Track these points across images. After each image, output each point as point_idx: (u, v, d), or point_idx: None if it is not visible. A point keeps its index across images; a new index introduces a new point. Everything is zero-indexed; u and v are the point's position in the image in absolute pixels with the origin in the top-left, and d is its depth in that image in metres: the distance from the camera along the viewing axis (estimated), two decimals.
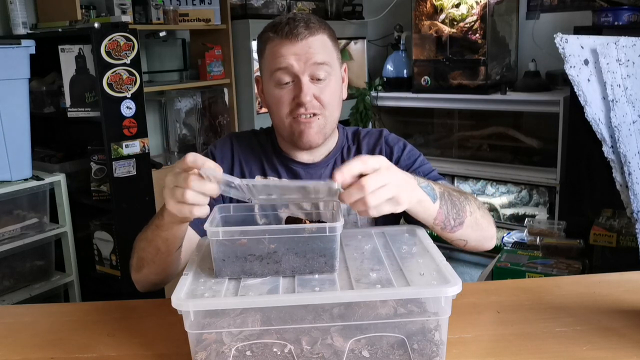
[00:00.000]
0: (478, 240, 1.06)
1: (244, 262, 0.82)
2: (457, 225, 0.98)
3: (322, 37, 1.12)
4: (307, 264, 0.82)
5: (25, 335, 0.94)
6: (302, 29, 1.09)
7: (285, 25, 1.10)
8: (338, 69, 1.17)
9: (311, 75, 1.10)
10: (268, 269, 0.82)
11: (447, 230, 0.98)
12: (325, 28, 1.14)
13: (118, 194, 2.31)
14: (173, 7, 2.78)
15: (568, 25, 2.74)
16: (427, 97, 3.21)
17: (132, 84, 2.29)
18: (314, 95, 1.11)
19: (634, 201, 1.92)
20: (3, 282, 2.26)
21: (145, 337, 0.91)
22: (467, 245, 1.05)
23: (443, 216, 0.95)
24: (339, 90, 1.17)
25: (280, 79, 1.11)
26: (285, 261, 0.82)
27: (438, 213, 0.94)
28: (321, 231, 0.81)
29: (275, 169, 1.22)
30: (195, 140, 3.04)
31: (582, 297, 0.99)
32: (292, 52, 1.09)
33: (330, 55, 1.13)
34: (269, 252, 0.81)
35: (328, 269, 0.82)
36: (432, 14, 3.19)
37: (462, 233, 1.00)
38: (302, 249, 0.81)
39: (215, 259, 0.82)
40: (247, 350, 0.75)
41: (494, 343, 0.86)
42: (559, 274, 2.30)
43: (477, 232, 1.03)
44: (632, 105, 1.93)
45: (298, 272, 0.82)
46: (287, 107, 1.12)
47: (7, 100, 2.13)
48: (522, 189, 3.26)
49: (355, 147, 1.25)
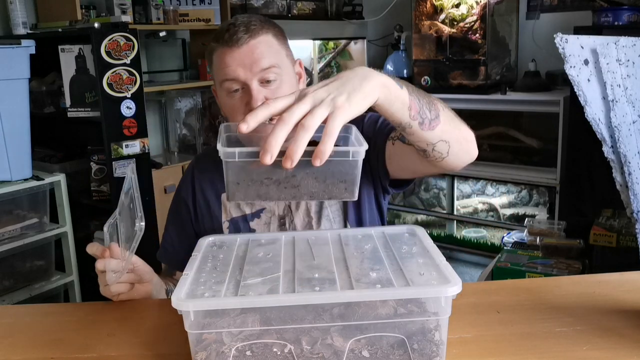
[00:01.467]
0: (460, 143, 0.95)
1: (259, 185, 0.77)
2: (434, 119, 0.87)
3: (265, 37, 1.09)
4: (326, 190, 0.78)
5: (25, 335, 0.94)
6: (242, 33, 1.07)
7: (225, 32, 1.08)
8: (289, 68, 1.13)
9: (260, 79, 1.08)
10: (285, 193, 0.78)
11: (425, 125, 0.87)
12: (268, 27, 1.11)
13: (118, 194, 2.30)
14: (173, 7, 2.78)
15: (568, 25, 2.74)
16: None
17: (132, 84, 2.29)
18: (266, 98, 1.06)
19: (634, 201, 1.92)
20: (3, 282, 2.26)
21: (145, 337, 0.91)
22: (451, 150, 0.93)
23: (417, 105, 0.84)
24: (294, 88, 1.12)
25: (229, 87, 1.09)
26: (304, 186, 0.77)
27: (411, 101, 0.83)
28: (344, 155, 0.75)
29: None
30: (195, 140, 3.04)
31: (582, 297, 0.99)
32: (236, 60, 1.06)
33: (276, 55, 1.10)
34: (287, 175, 0.76)
35: (348, 195, 0.78)
36: (432, 14, 3.19)
37: (442, 130, 0.89)
38: (322, 174, 0.76)
39: (229, 182, 0.77)
40: (247, 350, 0.75)
41: (494, 343, 0.86)
42: (559, 274, 2.30)
43: (456, 130, 0.93)
44: (632, 105, 1.93)
45: (317, 197, 0.79)
46: (241, 114, 1.08)
47: (7, 100, 2.13)
48: (522, 189, 3.26)
49: None
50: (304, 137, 0.70)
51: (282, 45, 1.13)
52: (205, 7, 2.95)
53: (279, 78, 1.09)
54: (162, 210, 2.32)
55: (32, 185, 2.23)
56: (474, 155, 0.99)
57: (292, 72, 1.15)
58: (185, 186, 1.27)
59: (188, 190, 1.26)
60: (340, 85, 0.76)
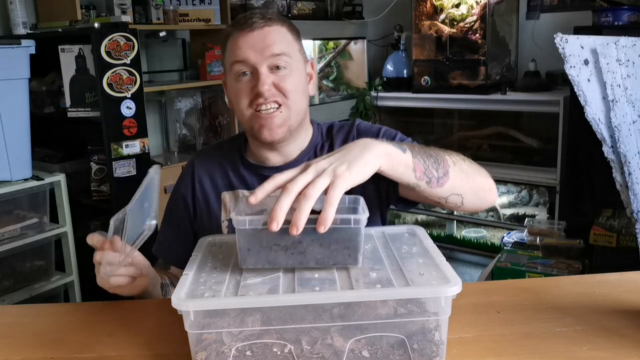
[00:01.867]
0: (475, 193, 0.97)
1: (268, 252, 0.81)
2: (442, 177, 0.91)
3: (279, 27, 1.09)
4: (331, 256, 0.81)
5: (25, 335, 0.94)
6: (258, 19, 1.08)
7: (242, 18, 1.10)
8: (301, 63, 1.13)
9: (270, 66, 1.07)
10: (292, 259, 0.81)
11: (433, 183, 0.90)
12: (284, 22, 1.12)
13: (118, 194, 2.31)
14: (173, 7, 2.78)
15: (568, 25, 2.74)
16: (427, 97, 3.21)
17: (132, 84, 2.29)
18: (274, 83, 1.07)
19: (634, 201, 1.92)
20: (3, 282, 2.26)
21: (145, 337, 0.91)
22: (465, 201, 0.96)
23: (422, 167, 0.88)
24: (302, 82, 1.13)
25: (238, 70, 1.08)
26: (309, 252, 0.81)
27: (415, 164, 0.87)
28: (346, 222, 0.79)
29: (243, 179, 1.19)
30: (195, 140, 3.04)
31: (582, 297, 0.99)
32: (248, 43, 1.07)
33: (289, 46, 1.10)
34: (294, 242, 0.80)
35: (352, 261, 0.82)
36: (432, 14, 3.19)
37: (452, 185, 0.92)
38: (327, 240, 0.80)
39: (240, 248, 0.81)
40: (247, 350, 0.75)
41: (494, 343, 0.86)
42: (559, 274, 2.30)
43: (469, 182, 0.96)
44: (632, 105, 1.93)
45: (322, 264, 0.82)
46: (247, 99, 1.08)
47: (7, 100, 2.13)
48: (522, 189, 3.26)
49: (329, 143, 1.19)
50: (306, 205, 0.74)
51: (296, 40, 1.13)
52: (205, 7, 2.95)
53: (288, 67, 1.09)
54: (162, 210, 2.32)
55: (32, 185, 2.23)
56: (492, 202, 1.02)
57: (303, 68, 1.14)
58: (185, 183, 1.26)
59: (188, 187, 1.24)
60: (341, 155, 0.81)
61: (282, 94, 1.08)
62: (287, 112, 1.09)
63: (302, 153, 1.17)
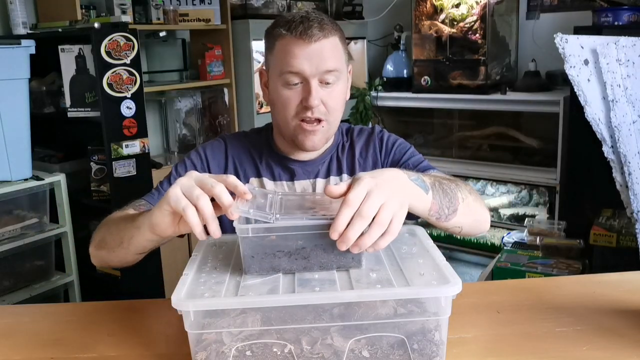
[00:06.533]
0: (472, 226, 1.05)
1: (272, 258, 0.82)
2: (451, 214, 0.97)
3: (334, 39, 1.11)
4: (334, 259, 0.83)
5: (25, 335, 0.94)
6: (317, 30, 1.07)
7: (299, 23, 1.08)
8: (345, 73, 1.16)
9: (321, 79, 1.10)
10: (297, 264, 0.82)
11: (442, 220, 0.96)
12: (337, 29, 1.13)
13: (118, 194, 2.31)
14: (173, 7, 2.78)
15: (568, 25, 2.74)
16: (427, 97, 3.21)
17: (132, 84, 2.29)
18: (322, 99, 1.10)
19: (634, 201, 1.92)
20: (3, 282, 2.26)
21: (145, 337, 0.91)
22: (462, 231, 1.04)
23: (437, 206, 0.93)
24: (344, 93, 1.17)
25: (290, 80, 1.10)
26: (313, 257, 0.82)
27: (432, 204, 0.92)
28: None
29: (270, 169, 1.22)
30: (195, 140, 3.04)
31: (582, 297, 0.99)
32: (304, 54, 1.08)
33: (340, 59, 1.12)
34: (297, 248, 0.82)
35: (355, 264, 0.83)
36: (432, 14, 3.19)
37: (457, 220, 0.99)
38: (329, 245, 0.81)
39: (245, 256, 0.82)
40: (247, 350, 0.75)
41: (494, 343, 0.86)
42: (559, 274, 2.30)
43: (470, 217, 1.02)
44: (632, 105, 1.93)
45: (326, 268, 0.83)
46: (294, 109, 1.11)
47: (7, 100, 2.13)
48: (522, 189, 3.25)
49: (349, 143, 1.25)
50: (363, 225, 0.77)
51: (345, 49, 1.16)
52: (205, 7, 2.95)
53: (336, 82, 1.12)
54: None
55: (32, 185, 2.23)
56: (484, 231, 1.11)
57: (347, 78, 1.18)
58: (215, 154, 1.21)
59: (220, 160, 1.21)
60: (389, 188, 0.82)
61: (327, 110, 1.12)
62: (328, 127, 1.14)
63: (326, 151, 1.23)
